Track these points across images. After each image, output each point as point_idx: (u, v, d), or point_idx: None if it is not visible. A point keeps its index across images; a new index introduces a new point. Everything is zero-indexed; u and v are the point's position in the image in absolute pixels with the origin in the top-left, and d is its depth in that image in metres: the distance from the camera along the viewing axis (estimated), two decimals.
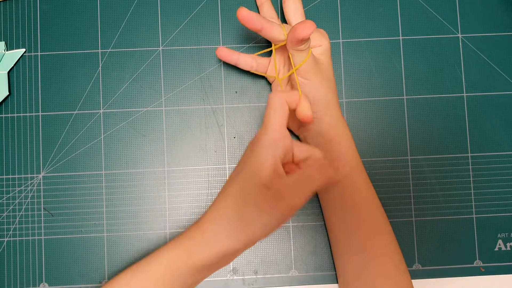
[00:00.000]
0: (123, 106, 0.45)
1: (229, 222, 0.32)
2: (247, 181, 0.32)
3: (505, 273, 0.45)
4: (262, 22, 0.38)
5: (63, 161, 0.45)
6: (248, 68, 0.43)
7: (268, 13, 0.44)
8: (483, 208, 0.45)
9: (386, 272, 0.38)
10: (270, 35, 0.39)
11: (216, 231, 0.33)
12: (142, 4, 0.46)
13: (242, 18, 0.37)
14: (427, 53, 0.46)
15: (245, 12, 0.37)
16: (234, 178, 0.34)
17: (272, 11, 0.44)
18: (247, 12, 0.37)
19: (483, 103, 0.46)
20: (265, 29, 0.38)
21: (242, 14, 0.37)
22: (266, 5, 0.44)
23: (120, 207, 0.45)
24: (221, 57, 0.42)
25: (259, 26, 0.38)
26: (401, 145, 0.46)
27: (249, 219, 0.32)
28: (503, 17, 0.47)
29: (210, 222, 0.33)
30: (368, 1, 0.47)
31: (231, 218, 0.32)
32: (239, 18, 0.37)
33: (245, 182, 0.32)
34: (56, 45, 0.46)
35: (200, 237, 0.33)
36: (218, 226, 0.33)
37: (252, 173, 0.32)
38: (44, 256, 0.44)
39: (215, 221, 0.33)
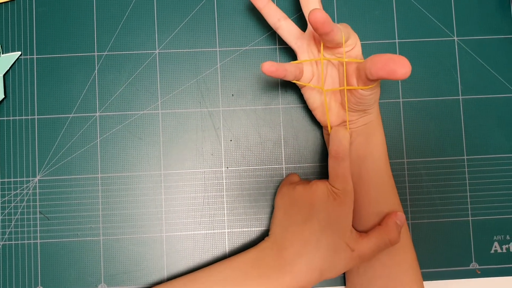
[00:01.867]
0: (119, 109, 0.45)
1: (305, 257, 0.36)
2: (336, 237, 0.36)
3: (501, 275, 0.45)
4: (333, 26, 0.34)
5: (59, 164, 0.45)
6: (292, 78, 0.39)
7: (276, 14, 0.40)
8: (479, 210, 0.45)
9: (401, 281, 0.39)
10: (333, 38, 0.35)
11: (292, 265, 0.36)
12: (138, 7, 0.46)
13: (316, 21, 0.33)
14: (423, 56, 0.46)
15: (321, 14, 0.33)
16: (319, 230, 0.37)
17: (279, 11, 0.41)
18: (323, 14, 0.33)
19: (479, 106, 0.46)
20: (334, 31, 0.34)
21: (318, 16, 0.33)
22: (271, 5, 0.41)
23: (116, 210, 0.44)
24: (270, 73, 0.36)
25: (330, 29, 0.34)
26: (397, 148, 0.46)
27: (334, 269, 0.36)
28: (498, 20, 0.47)
29: (301, 267, 0.36)
30: (364, 4, 0.47)
31: (321, 268, 0.36)
32: (315, 20, 0.33)
33: (333, 238, 0.36)
34: (52, 48, 0.46)
35: (278, 267, 0.37)
36: (294, 259, 0.37)
37: (341, 231, 0.36)
38: (40, 259, 0.44)
39: (307, 266, 0.36)
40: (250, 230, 0.45)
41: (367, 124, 0.40)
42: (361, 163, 0.40)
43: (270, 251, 0.37)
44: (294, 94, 0.46)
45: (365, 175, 0.40)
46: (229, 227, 0.45)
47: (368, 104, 0.38)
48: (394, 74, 0.32)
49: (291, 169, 0.45)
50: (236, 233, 0.45)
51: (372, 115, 0.40)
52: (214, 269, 0.38)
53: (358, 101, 0.38)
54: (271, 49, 0.46)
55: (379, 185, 0.40)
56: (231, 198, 0.45)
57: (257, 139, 0.46)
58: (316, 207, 0.37)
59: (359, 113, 0.39)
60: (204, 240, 0.44)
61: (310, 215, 0.37)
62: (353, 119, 0.40)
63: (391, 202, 0.40)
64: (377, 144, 0.40)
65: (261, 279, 0.36)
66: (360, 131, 0.40)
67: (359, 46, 0.38)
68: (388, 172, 0.41)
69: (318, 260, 0.36)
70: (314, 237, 0.36)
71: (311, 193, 0.38)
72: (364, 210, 0.40)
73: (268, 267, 0.36)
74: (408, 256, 0.39)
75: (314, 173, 0.45)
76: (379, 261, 0.39)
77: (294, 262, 0.36)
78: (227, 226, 0.45)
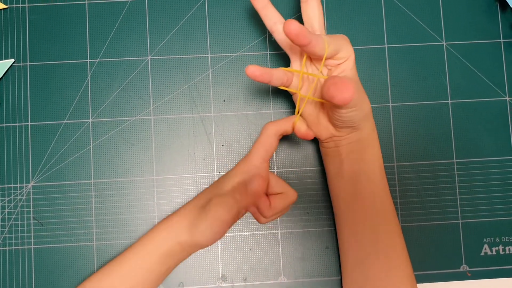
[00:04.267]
0: (112, 116, 0.46)
1: (190, 219, 0.38)
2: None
3: (491, 277, 0.45)
4: (311, 37, 0.33)
5: (53, 170, 0.45)
6: (278, 84, 0.38)
7: (273, 17, 0.40)
8: (469, 213, 0.46)
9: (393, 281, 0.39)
10: (313, 50, 0.34)
11: (179, 225, 0.39)
12: (130, 14, 0.47)
13: (290, 32, 0.32)
14: (412, 61, 0.47)
15: (295, 25, 0.32)
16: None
17: (278, 14, 0.40)
18: (297, 26, 0.32)
19: (468, 110, 0.47)
20: (313, 43, 0.33)
21: (292, 27, 0.32)
22: (270, 7, 0.40)
23: (109, 215, 0.45)
24: (254, 78, 0.36)
25: (307, 40, 0.33)
26: (387, 152, 0.46)
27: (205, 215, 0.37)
28: (486, 24, 0.47)
29: (178, 218, 0.39)
30: (353, 9, 0.47)
31: (194, 217, 0.38)
32: (289, 31, 0.32)
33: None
34: (45, 55, 0.46)
35: (166, 230, 0.39)
36: (181, 222, 0.39)
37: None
38: (34, 265, 0.44)
39: (182, 217, 0.39)
40: (242, 234, 0.45)
41: (359, 141, 0.40)
42: (356, 180, 0.40)
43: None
44: (285, 99, 0.46)
45: (361, 192, 0.40)
46: None
47: (352, 121, 0.37)
48: (333, 100, 0.32)
49: (283, 173, 0.46)
50: (228, 238, 0.45)
51: (364, 132, 0.39)
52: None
53: (337, 118, 0.37)
54: (262, 55, 0.47)
55: (376, 202, 0.40)
56: None
57: (248, 144, 0.46)
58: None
59: (347, 129, 0.39)
60: None
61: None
62: (342, 134, 0.40)
63: (387, 218, 0.40)
64: (372, 160, 0.40)
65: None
66: (352, 148, 0.40)
67: (352, 60, 0.37)
68: (385, 188, 0.40)
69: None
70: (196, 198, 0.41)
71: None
72: (360, 226, 0.40)
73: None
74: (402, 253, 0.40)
75: (306, 177, 0.46)
76: (373, 261, 0.39)
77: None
78: None
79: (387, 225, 0.40)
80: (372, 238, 0.39)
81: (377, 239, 0.39)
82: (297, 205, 0.45)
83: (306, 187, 0.45)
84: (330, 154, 0.42)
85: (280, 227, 0.45)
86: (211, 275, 0.44)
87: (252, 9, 0.47)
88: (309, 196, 0.45)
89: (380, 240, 0.39)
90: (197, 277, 0.44)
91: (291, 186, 0.46)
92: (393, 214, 0.40)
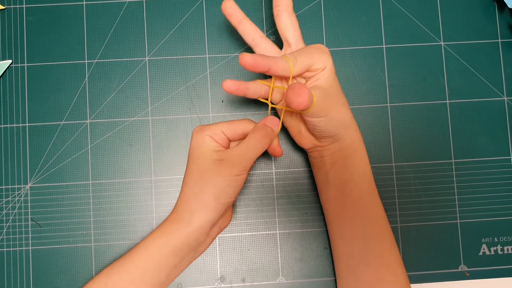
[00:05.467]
0: (110, 116, 0.46)
1: (196, 198, 0.37)
2: (199, 163, 0.38)
3: (489, 277, 0.45)
4: (268, 62, 0.34)
5: (50, 171, 0.45)
6: (256, 97, 0.39)
7: (251, 33, 0.40)
8: (467, 213, 0.46)
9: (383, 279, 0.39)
10: (276, 74, 0.35)
11: (189, 209, 0.38)
12: (128, 15, 0.47)
13: (245, 65, 0.33)
14: (410, 61, 0.47)
15: (248, 57, 0.33)
16: (188, 167, 0.39)
17: (255, 29, 0.40)
18: (250, 57, 0.33)
19: (466, 110, 0.47)
20: (272, 68, 0.34)
21: (246, 60, 0.33)
22: (246, 23, 0.40)
23: (107, 216, 0.45)
24: (230, 92, 0.37)
25: (266, 67, 0.34)
26: (385, 152, 0.46)
27: (212, 189, 0.37)
28: (484, 24, 0.48)
29: (183, 205, 0.38)
30: (352, 10, 0.47)
31: (197, 194, 0.37)
32: (244, 64, 0.33)
33: (197, 165, 0.38)
34: (42, 56, 0.46)
35: (176, 220, 0.38)
36: (189, 204, 0.38)
37: (202, 156, 0.38)
38: (32, 266, 0.44)
39: (186, 202, 0.38)
40: (240, 235, 0.45)
41: (342, 150, 0.40)
42: (343, 189, 0.40)
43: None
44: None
45: (348, 201, 0.40)
46: (220, 232, 0.45)
47: (328, 130, 0.38)
48: (291, 105, 0.33)
49: (281, 173, 0.46)
50: (226, 238, 0.45)
51: (346, 141, 0.39)
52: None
53: (312, 127, 0.38)
54: None
55: (364, 209, 0.40)
56: None
57: None
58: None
59: (327, 139, 0.39)
60: None
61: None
62: (324, 144, 0.40)
63: (377, 224, 0.40)
64: (357, 167, 0.40)
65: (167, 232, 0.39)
66: (336, 157, 0.40)
67: (328, 70, 0.37)
68: (374, 194, 0.40)
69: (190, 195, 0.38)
70: (184, 182, 0.39)
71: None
72: (350, 234, 0.40)
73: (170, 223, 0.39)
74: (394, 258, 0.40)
75: (303, 178, 0.46)
76: (365, 268, 0.39)
77: (188, 207, 0.38)
78: None
79: (377, 231, 0.39)
80: (362, 245, 0.39)
81: (367, 246, 0.39)
82: (295, 205, 0.45)
83: (304, 188, 0.45)
84: (316, 164, 0.42)
85: (278, 227, 0.45)
86: (210, 276, 0.44)
87: (250, 10, 0.47)
88: (307, 196, 0.45)
89: (370, 247, 0.39)
90: (195, 278, 0.44)
91: (289, 186, 0.46)
92: (383, 219, 0.40)
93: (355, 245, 0.40)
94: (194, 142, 0.39)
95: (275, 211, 0.45)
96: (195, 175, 0.38)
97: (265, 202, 0.45)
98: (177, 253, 0.39)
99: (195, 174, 0.38)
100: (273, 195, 0.46)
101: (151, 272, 0.38)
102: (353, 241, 0.40)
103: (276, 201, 0.45)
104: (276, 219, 0.45)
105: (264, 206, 0.45)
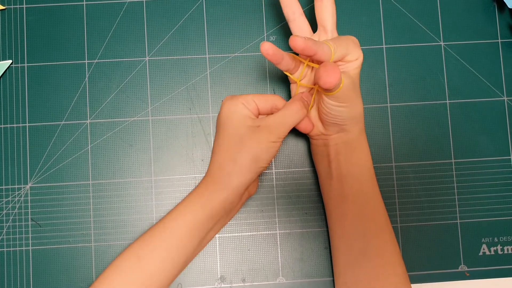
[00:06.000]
0: (110, 116, 0.46)
1: (234, 161, 0.38)
2: (235, 128, 0.39)
3: (489, 277, 0.45)
4: (317, 48, 0.34)
5: (50, 171, 0.45)
6: (285, 69, 0.39)
7: (293, 6, 0.40)
8: (467, 213, 0.46)
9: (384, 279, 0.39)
10: (319, 59, 0.36)
11: (227, 172, 0.38)
12: (128, 15, 0.47)
13: (295, 47, 0.34)
14: (410, 61, 0.47)
15: (300, 41, 0.33)
16: (223, 132, 0.39)
17: (297, 4, 0.40)
18: (302, 41, 0.33)
19: (466, 110, 0.47)
20: (319, 53, 0.35)
21: (297, 43, 0.34)
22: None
23: (107, 216, 0.45)
24: (266, 55, 0.36)
25: (313, 52, 0.34)
26: (385, 152, 0.46)
27: (249, 153, 0.38)
28: (484, 25, 0.48)
29: (219, 168, 0.39)
30: (352, 10, 0.47)
31: (235, 157, 0.38)
32: (295, 46, 0.34)
33: (233, 130, 0.39)
34: (42, 56, 0.46)
35: (213, 183, 0.39)
36: (226, 167, 0.38)
37: (238, 121, 0.39)
38: (32, 266, 0.44)
39: (223, 165, 0.39)
40: (240, 235, 0.45)
41: (346, 143, 0.40)
42: (344, 183, 0.40)
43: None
44: None
45: (348, 195, 0.40)
46: (220, 232, 0.45)
47: (340, 117, 0.38)
48: (319, 80, 0.34)
49: (281, 173, 0.46)
50: (226, 238, 0.45)
51: (352, 135, 0.40)
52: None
53: (327, 111, 0.38)
54: (260, 55, 0.47)
55: (364, 205, 0.40)
56: None
57: None
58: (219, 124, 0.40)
59: (334, 128, 0.40)
60: None
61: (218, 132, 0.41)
62: (330, 133, 0.41)
63: (377, 220, 0.40)
64: (359, 163, 0.40)
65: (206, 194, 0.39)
66: (340, 149, 0.40)
67: (358, 62, 0.38)
68: (375, 192, 0.41)
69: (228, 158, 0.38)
70: (217, 146, 0.40)
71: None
72: (349, 229, 0.40)
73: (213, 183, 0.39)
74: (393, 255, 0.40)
75: (304, 178, 0.46)
76: (363, 264, 0.39)
77: (225, 169, 0.39)
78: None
79: (377, 229, 0.40)
80: (361, 241, 0.39)
81: (366, 242, 0.39)
82: (295, 205, 0.45)
83: (304, 188, 0.45)
84: (319, 153, 0.42)
85: (278, 227, 0.45)
86: (210, 276, 0.44)
87: (250, 9, 0.47)
88: (307, 196, 0.45)
89: (369, 243, 0.39)
90: (195, 278, 0.44)
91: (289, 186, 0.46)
92: (384, 217, 0.40)
93: (354, 239, 0.40)
94: (226, 109, 0.39)
95: (275, 211, 0.45)
96: (231, 140, 0.38)
97: (265, 202, 0.45)
98: (213, 216, 0.39)
99: (232, 139, 0.38)
100: (273, 195, 0.46)
101: (187, 237, 0.38)
102: (352, 237, 0.40)
103: (276, 201, 0.46)
104: (276, 219, 0.45)
105: (264, 206, 0.45)
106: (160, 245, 0.38)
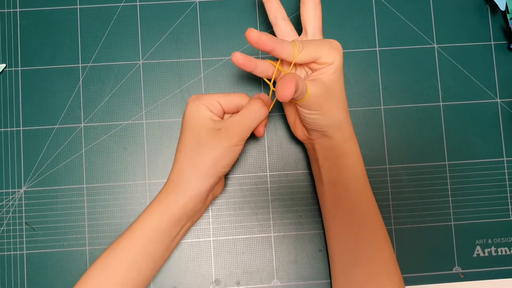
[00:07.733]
0: (104, 120, 0.46)
1: (192, 166, 0.37)
2: (195, 131, 0.38)
3: (483, 278, 0.45)
4: (273, 44, 0.35)
5: (45, 175, 0.45)
6: (263, 76, 0.40)
7: (275, 11, 0.40)
8: (461, 215, 0.46)
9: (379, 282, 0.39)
10: (279, 56, 0.36)
11: (186, 178, 0.37)
12: (122, 18, 0.47)
13: (250, 40, 0.35)
14: (404, 64, 0.47)
15: (254, 33, 0.34)
16: (183, 136, 0.39)
17: (280, 9, 0.41)
18: (256, 33, 0.34)
19: (459, 112, 0.47)
20: (276, 50, 0.35)
21: (251, 35, 0.34)
22: (274, 1, 0.40)
23: (102, 220, 0.45)
24: (238, 64, 0.37)
25: (269, 47, 0.35)
26: (379, 154, 0.46)
27: (209, 158, 0.37)
28: (477, 27, 0.48)
29: (178, 174, 0.38)
30: (345, 12, 0.47)
31: (194, 163, 0.37)
32: (249, 39, 0.35)
33: (193, 134, 0.38)
34: (36, 60, 0.46)
35: (173, 189, 0.38)
36: (185, 173, 0.38)
37: (198, 124, 0.38)
38: (26, 270, 0.44)
39: (182, 171, 0.38)
40: (235, 238, 0.45)
41: (332, 149, 0.40)
42: (334, 188, 0.40)
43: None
44: (277, 103, 0.47)
45: (340, 200, 0.40)
46: (214, 235, 0.45)
47: (316, 124, 0.38)
48: (276, 94, 0.33)
49: (275, 176, 0.46)
50: (221, 241, 0.45)
51: (335, 141, 0.39)
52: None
53: (303, 117, 0.38)
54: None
55: (356, 210, 0.40)
56: (216, 206, 0.45)
57: None
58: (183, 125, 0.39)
59: (315, 133, 0.40)
60: (190, 248, 0.45)
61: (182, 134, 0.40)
62: (313, 138, 0.41)
63: (370, 226, 0.40)
64: (348, 169, 0.40)
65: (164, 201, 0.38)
66: (326, 155, 0.40)
67: (334, 67, 0.36)
68: (367, 196, 0.40)
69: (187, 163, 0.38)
70: (179, 151, 0.39)
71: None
72: (343, 233, 0.40)
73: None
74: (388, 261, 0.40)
75: (298, 180, 0.46)
76: (358, 268, 0.39)
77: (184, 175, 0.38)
78: (212, 234, 0.45)
79: (370, 234, 0.39)
80: (355, 246, 0.39)
81: (360, 246, 0.39)
82: (290, 208, 0.45)
83: (299, 190, 0.46)
84: (311, 158, 0.43)
85: (273, 230, 0.45)
86: (204, 279, 0.44)
87: (244, 12, 0.47)
88: (301, 199, 0.45)
89: (363, 247, 0.39)
90: (190, 281, 0.44)
91: (283, 189, 0.46)
92: (377, 221, 0.40)
93: (348, 243, 0.40)
94: (189, 111, 0.38)
95: (269, 213, 0.45)
96: (191, 144, 0.38)
97: (259, 205, 0.45)
98: (176, 223, 0.38)
99: (191, 143, 0.38)
100: (268, 198, 0.46)
101: (152, 244, 0.38)
102: (346, 241, 0.40)
103: (270, 204, 0.46)
104: (271, 221, 0.45)
105: (258, 209, 0.45)
106: (126, 254, 0.37)
